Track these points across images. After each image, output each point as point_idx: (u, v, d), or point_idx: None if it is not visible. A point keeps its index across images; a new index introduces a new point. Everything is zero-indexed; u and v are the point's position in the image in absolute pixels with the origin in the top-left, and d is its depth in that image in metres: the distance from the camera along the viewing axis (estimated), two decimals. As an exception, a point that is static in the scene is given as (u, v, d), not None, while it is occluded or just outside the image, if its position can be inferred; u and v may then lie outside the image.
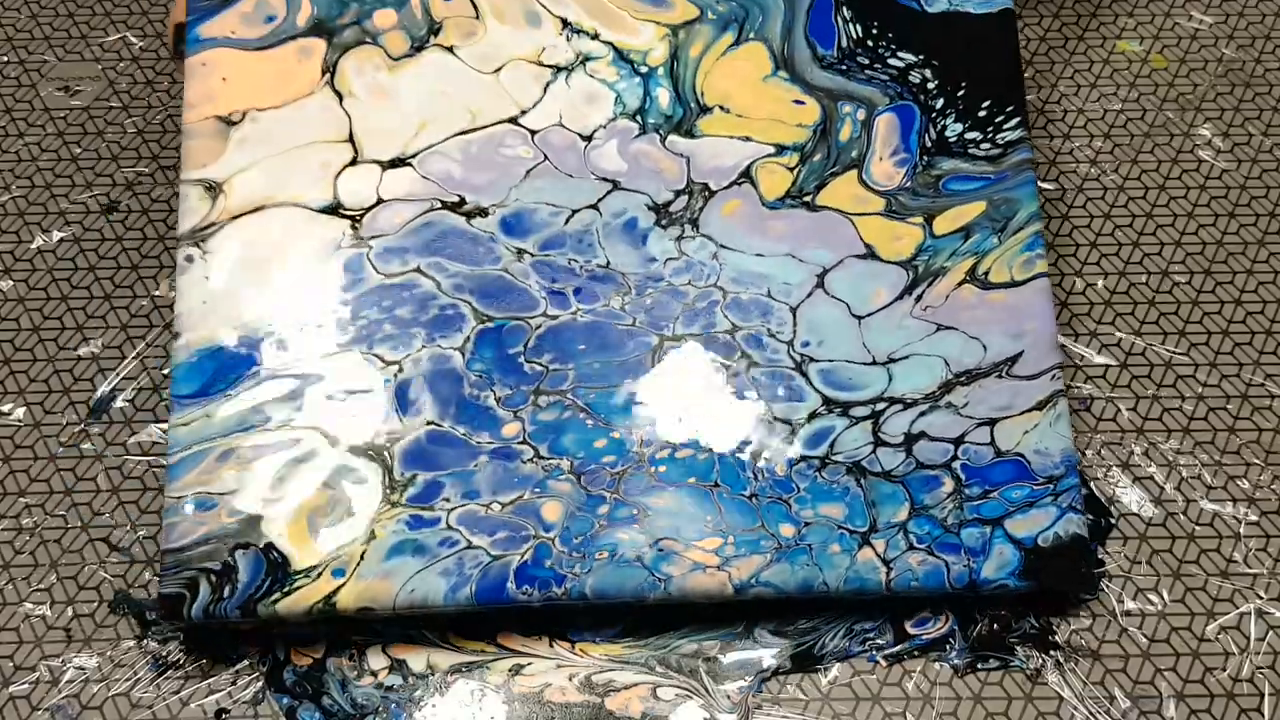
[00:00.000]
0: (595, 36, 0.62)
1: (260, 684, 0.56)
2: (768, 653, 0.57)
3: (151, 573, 0.59)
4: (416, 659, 0.57)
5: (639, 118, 0.61)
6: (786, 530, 0.55)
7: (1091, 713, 0.56)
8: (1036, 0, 0.76)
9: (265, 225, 0.58)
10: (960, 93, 0.63)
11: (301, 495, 0.55)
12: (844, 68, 0.62)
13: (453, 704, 0.56)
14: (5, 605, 0.59)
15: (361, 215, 0.59)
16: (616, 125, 0.61)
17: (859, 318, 0.59)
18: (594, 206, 0.60)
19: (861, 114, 0.62)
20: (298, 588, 0.53)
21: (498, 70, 0.61)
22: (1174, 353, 0.65)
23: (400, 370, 0.56)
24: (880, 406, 0.58)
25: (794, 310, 0.59)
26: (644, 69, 0.61)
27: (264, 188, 0.59)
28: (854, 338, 0.58)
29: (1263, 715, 0.56)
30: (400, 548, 0.54)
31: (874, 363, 0.58)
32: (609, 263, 0.59)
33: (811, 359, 0.58)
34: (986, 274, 0.60)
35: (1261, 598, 0.58)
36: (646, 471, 0.56)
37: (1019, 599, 0.58)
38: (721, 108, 0.61)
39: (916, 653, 0.57)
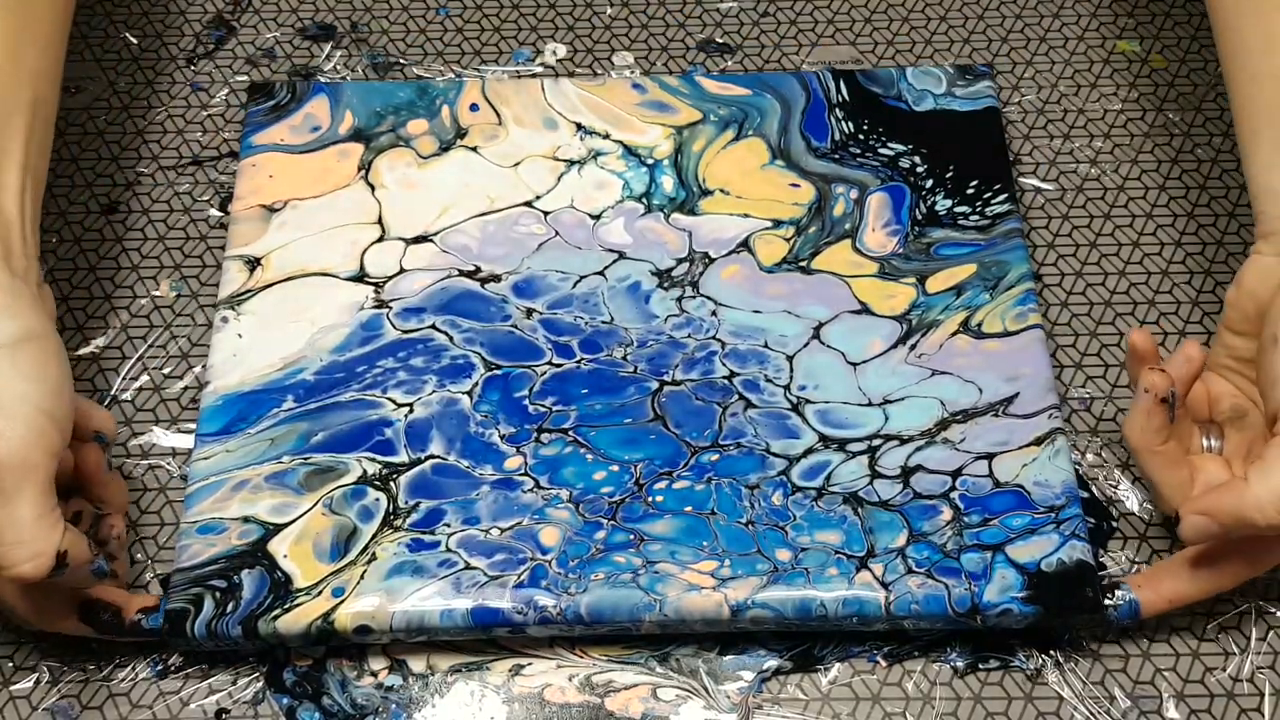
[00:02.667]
0: (606, 136, 0.69)
1: (260, 684, 0.57)
2: (768, 653, 0.57)
3: (152, 573, 0.60)
4: (416, 659, 0.57)
5: (644, 199, 0.67)
6: (783, 555, 0.56)
7: (1091, 712, 0.56)
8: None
9: (295, 291, 0.64)
10: (949, 174, 0.67)
11: (308, 520, 0.57)
12: (837, 156, 0.68)
13: (453, 704, 0.56)
14: (5, 605, 0.59)
15: (384, 282, 0.64)
16: (624, 206, 0.67)
17: (854, 364, 0.61)
18: (600, 273, 0.64)
19: (854, 194, 0.67)
20: (298, 604, 0.55)
21: (516, 165, 0.68)
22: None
23: (411, 411, 0.60)
24: (876, 443, 0.59)
25: (790, 359, 0.62)
26: (650, 161, 0.68)
27: (297, 261, 0.65)
28: (850, 382, 0.61)
29: (1263, 715, 0.56)
30: (400, 569, 0.56)
31: (870, 404, 0.60)
32: (613, 319, 0.63)
33: (808, 401, 0.60)
34: (980, 325, 0.62)
35: (1261, 597, 0.58)
36: (643, 501, 0.57)
37: (1021, 632, 0.58)
38: (722, 190, 0.67)
39: (917, 653, 0.57)
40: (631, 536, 0.56)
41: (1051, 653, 0.57)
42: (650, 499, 0.58)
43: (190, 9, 0.78)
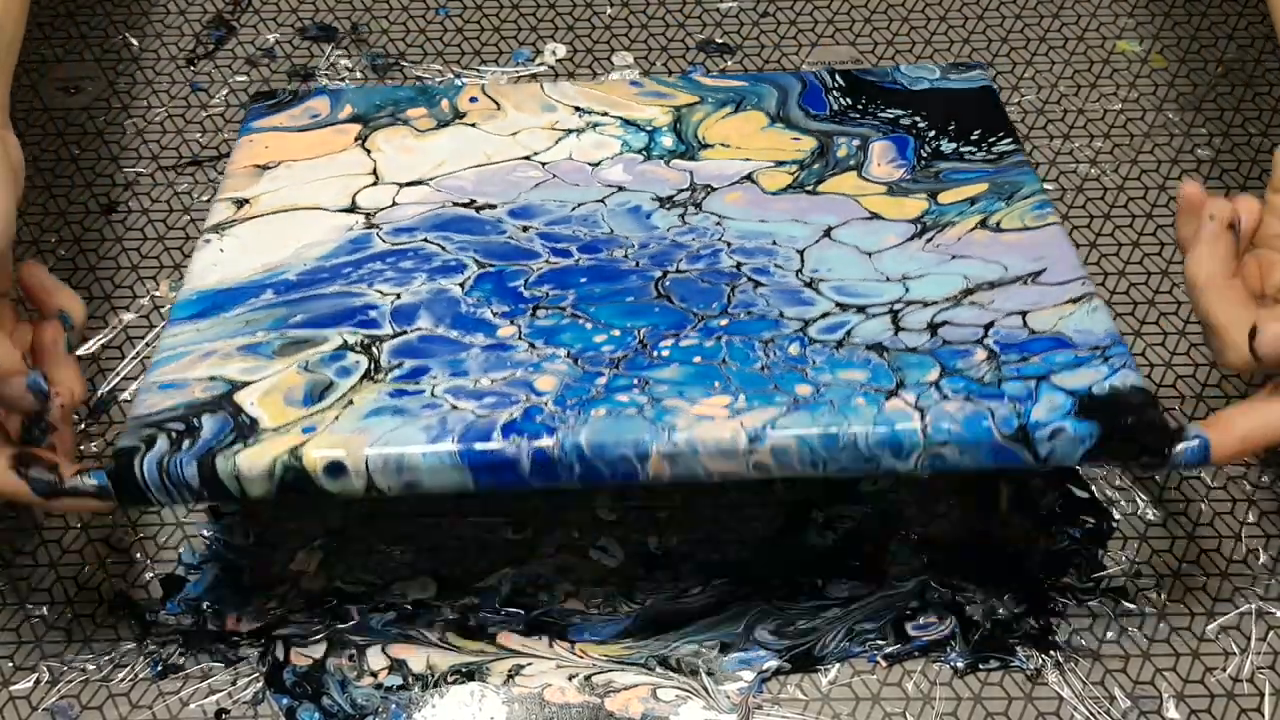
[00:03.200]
0: (604, 114, 0.67)
1: (260, 684, 0.57)
2: (768, 653, 0.57)
3: (151, 573, 0.60)
4: (416, 659, 0.57)
5: (644, 152, 0.66)
6: (803, 390, 0.51)
7: (1091, 713, 0.56)
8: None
9: (283, 220, 0.62)
10: (950, 126, 0.66)
11: (281, 377, 0.53)
12: (837, 120, 0.67)
13: (452, 705, 0.56)
14: (5, 605, 0.59)
15: (376, 212, 0.62)
16: (622, 156, 0.65)
17: (869, 254, 0.58)
18: (600, 201, 0.63)
19: (856, 142, 0.65)
20: (262, 441, 0.50)
21: (514, 134, 0.67)
22: (1174, 353, 0.65)
23: (398, 298, 0.57)
24: (898, 307, 0.55)
25: (800, 252, 0.59)
26: (649, 128, 0.67)
27: (287, 199, 0.63)
28: (865, 266, 0.58)
29: (1263, 715, 0.56)
30: (379, 411, 0.51)
31: (887, 280, 0.57)
32: (613, 231, 0.61)
33: (821, 280, 0.57)
34: (998, 224, 0.60)
35: (1261, 598, 0.58)
36: (648, 355, 0.54)
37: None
38: (722, 144, 0.66)
39: (917, 653, 0.57)
40: (635, 381, 0.52)
41: (1051, 653, 0.57)
42: (656, 353, 0.54)
43: (190, 9, 0.78)
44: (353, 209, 0.62)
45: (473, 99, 0.69)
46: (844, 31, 0.77)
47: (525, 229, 0.61)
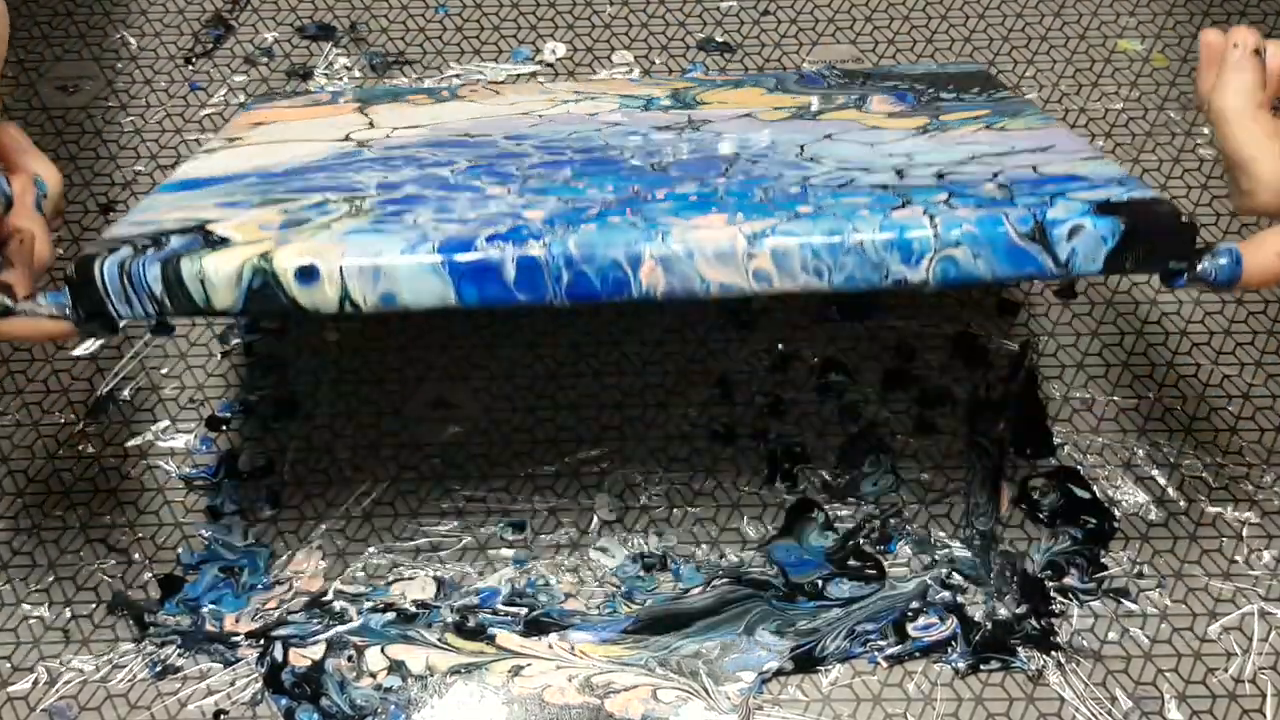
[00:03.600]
0: (603, 94, 0.66)
1: (259, 685, 0.56)
2: (768, 654, 0.57)
3: (150, 573, 0.59)
4: (415, 660, 0.57)
5: (642, 108, 0.64)
6: (804, 209, 0.48)
7: (1093, 714, 0.56)
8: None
9: (275, 146, 0.59)
10: (950, 86, 0.64)
11: (259, 214, 0.50)
12: (838, 91, 0.66)
13: (452, 705, 0.56)
14: (3, 606, 0.59)
15: (369, 142, 0.60)
16: (620, 109, 0.64)
17: (871, 145, 0.56)
18: (596, 131, 0.60)
19: (855, 95, 0.64)
20: (233, 248, 0.46)
21: (512, 104, 0.65)
22: (1176, 353, 0.65)
23: (386, 178, 0.55)
24: (902, 166, 0.53)
25: (802, 146, 0.57)
26: (648, 98, 0.65)
27: (281, 135, 0.61)
28: (868, 150, 0.55)
29: (1265, 716, 0.55)
30: (359, 230, 0.48)
31: (891, 155, 0.54)
32: (609, 144, 0.58)
33: (823, 157, 0.55)
34: (1003, 128, 0.58)
35: (1263, 598, 0.58)
36: (644, 197, 0.51)
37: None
38: (721, 103, 0.64)
39: (918, 654, 0.57)
40: (629, 211, 0.49)
41: (1053, 654, 0.57)
42: (650, 196, 0.51)
43: (189, 8, 0.78)
44: (346, 139, 0.60)
45: (472, 90, 0.69)
46: (844, 30, 0.76)
47: (519, 144, 0.58)
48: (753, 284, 0.46)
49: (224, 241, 0.46)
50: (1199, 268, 0.46)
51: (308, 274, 0.45)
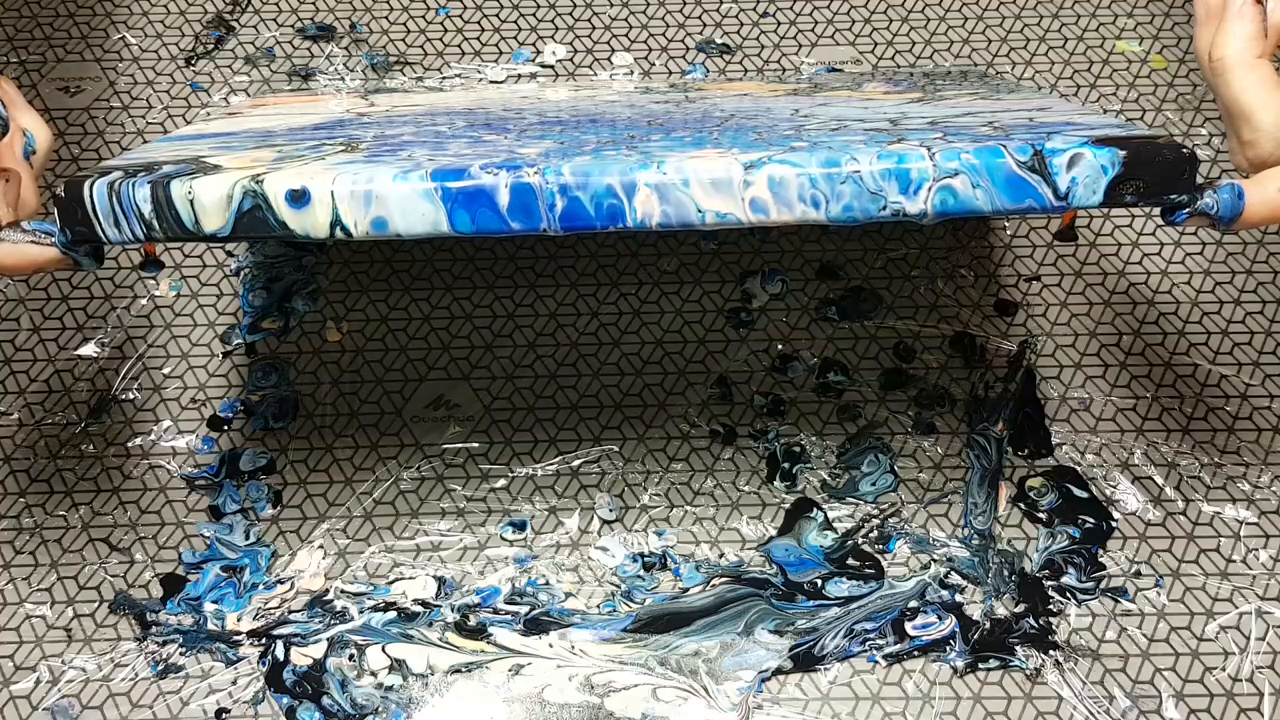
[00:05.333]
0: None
1: (260, 684, 0.56)
2: (768, 653, 0.57)
3: (151, 572, 0.60)
4: (416, 659, 0.57)
5: (641, 91, 0.65)
6: (799, 145, 0.47)
7: (1091, 712, 0.56)
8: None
9: (275, 114, 0.60)
10: (948, 78, 0.65)
11: (255, 154, 0.50)
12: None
13: (452, 704, 0.56)
14: (6, 605, 0.59)
15: (370, 113, 0.60)
16: (620, 91, 0.64)
17: (865, 106, 0.56)
18: (591, 104, 0.60)
19: (851, 83, 0.65)
20: (224, 173, 0.46)
21: (513, 92, 0.66)
22: (1173, 353, 0.65)
23: (383, 133, 0.55)
24: (896, 117, 0.53)
25: (797, 109, 0.57)
26: (646, 90, 0.66)
27: (281, 112, 0.61)
28: (862, 110, 0.55)
29: (1262, 715, 0.56)
30: (352, 163, 0.47)
31: (886, 113, 0.54)
32: (604, 113, 0.58)
33: (815, 114, 0.55)
34: (998, 99, 0.57)
35: (1261, 597, 0.58)
36: (639, 140, 0.51)
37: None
38: (719, 90, 0.65)
39: (916, 653, 0.57)
40: (623, 146, 0.49)
41: (1051, 652, 0.57)
42: (646, 139, 0.50)
43: (190, 9, 0.78)
44: (346, 113, 0.60)
45: (472, 90, 0.69)
46: (844, 31, 0.77)
47: (518, 114, 0.58)
48: (749, 213, 0.45)
49: (216, 169, 0.46)
50: (1201, 201, 0.45)
51: (299, 197, 0.45)
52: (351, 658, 0.57)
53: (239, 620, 0.58)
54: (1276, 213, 0.46)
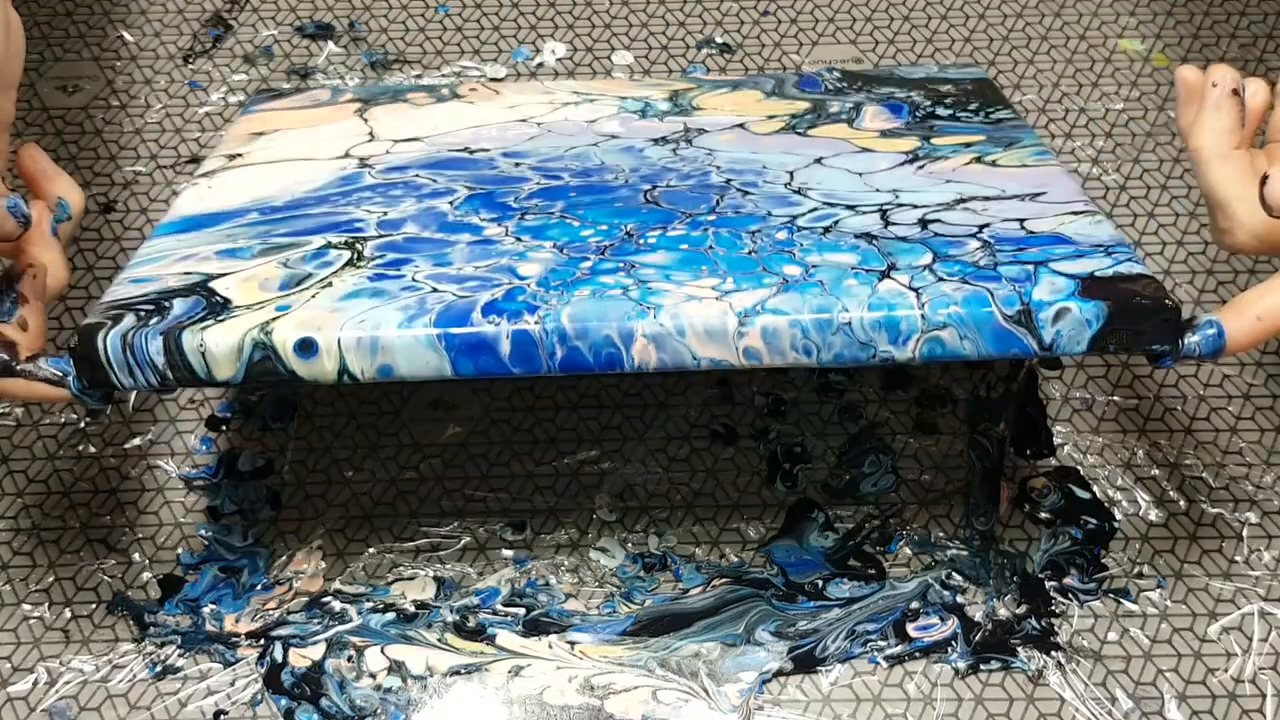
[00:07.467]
0: (602, 95, 0.67)
1: (259, 685, 0.56)
2: (768, 654, 0.57)
3: (150, 573, 0.59)
4: (415, 661, 0.57)
5: (639, 114, 0.65)
6: (792, 270, 0.48)
7: (1093, 714, 0.56)
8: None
9: (275, 167, 0.60)
10: (947, 99, 0.65)
11: (259, 269, 0.51)
12: (833, 94, 0.66)
13: (451, 706, 0.56)
14: (3, 606, 0.59)
15: (370, 158, 0.61)
16: (619, 115, 0.65)
17: (860, 174, 0.57)
18: (593, 145, 0.62)
19: (850, 105, 0.65)
20: (234, 318, 0.47)
21: (512, 107, 0.66)
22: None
23: (386, 214, 0.56)
24: (888, 208, 0.53)
25: (791, 172, 0.58)
26: (646, 101, 0.66)
27: (280, 153, 0.62)
28: (856, 181, 0.56)
29: (1265, 716, 0.56)
30: (357, 293, 0.49)
31: (878, 191, 0.55)
32: (604, 163, 0.59)
33: (810, 189, 0.56)
34: (995, 162, 0.58)
35: (1264, 598, 0.58)
36: (635, 242, 0.52)
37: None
38: (716, 108, 0.65)
39: (918, 654, 0.57)
40: (621, 265, 0.50)
41: (1053, 654, 0.57)
42: (642, 241, 0.52)
43: (188, 8, 0.78)
44: (346, 155, 0.61)
45: (472, 89, 0.69)
46: (844, 30, 0.76)
47: (517, 164, 0.59)
48: (742, 360, 0.47)
49: (226, 305, 0.48)
50: (1184, 345, 0.47)
51: (307, 347, 0.46)
52: (350, 659, 0.57)
53: (237, 621, 0.58)
54: (1260, 339, 0.47)
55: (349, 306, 0.47)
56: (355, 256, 0.51)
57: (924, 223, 0.52)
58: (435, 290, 0.49)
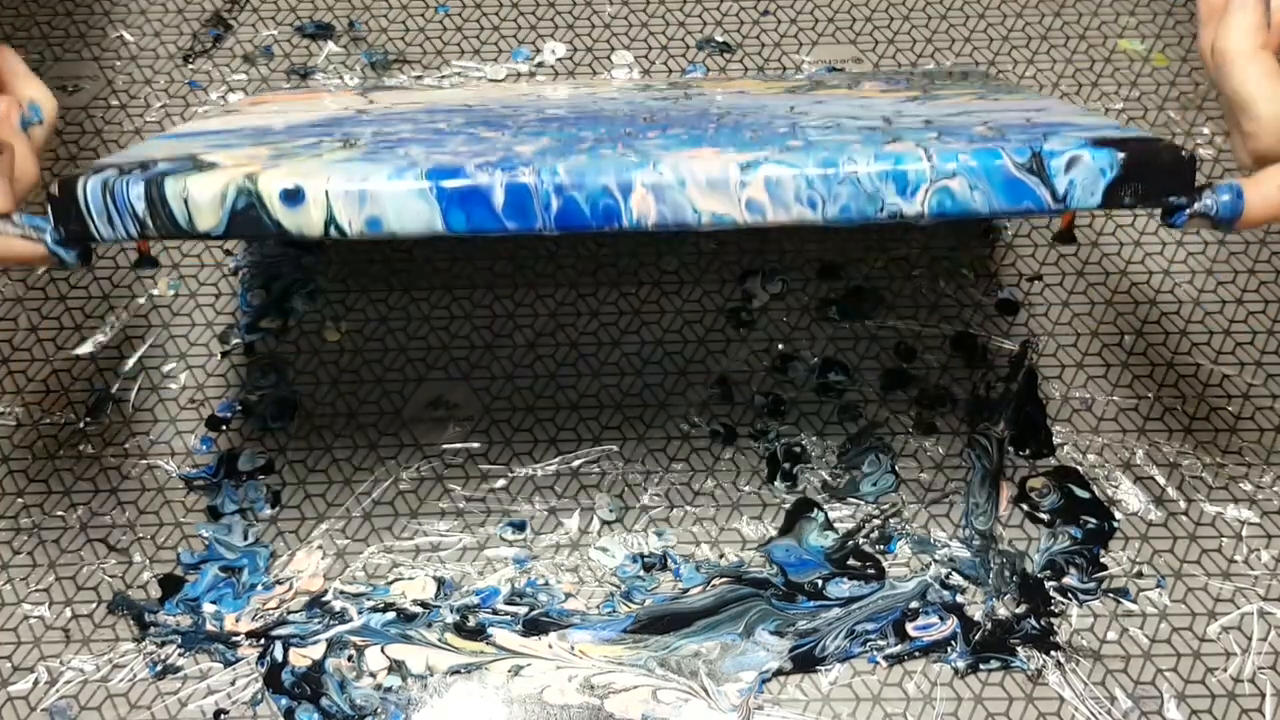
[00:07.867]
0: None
1: (259, 685, 0.56)
2: (768, 654, 0.57)
3: (150, 573, 0.59)
4: (415, 660, 0.57)
5: (641, 90, 0.64)
6: (795, 143, 0.47)
7: (1093, 713, 0.56)
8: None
9: (274, 112, 0.59)
10: (948, 78, 0.65)
11: (253, 151, 0.49)
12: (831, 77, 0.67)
13: (451, 705, 0.56)
14: (4, 605, 0.59)
15: (369, 110, 0.60)
16: (621, 89, 0.64)
17: (861, 105, 0.56)
18: (590, 101, 0.61)
19: (850, 81, 0.64)
20: (219, 170, 0.45)
21: (511, 89, 0.66)
22: (1175, 353, 0.65)
23: (383, 130, 0.55)
24: (890, 115, 0.53)
25: (792, 106, 0.57)
26: (647, 85, 0.66)
27: (280, 109, 0.61)
28: (857, 108, 0.55)
29: (1264, 716, 0.56)
30: (349, 160, 0.47)
31: (880, 110, 0.54)
32: (603, 109, 0.58)
33: (810, 110, 0.55)
34: (996, 99, 0.57)
35: (1263, 598, 0.58)
36: (635, 137, 0.51)
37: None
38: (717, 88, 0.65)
39: (917, 653, 0.57)
40: (620, 146, 0.48)
41: (1052, 653, 0.57)
42: (642, 136, 0.50)
43: (188, 7, 0.78)
44: (345, 110, 0.60)
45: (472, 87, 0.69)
46: (844, 30, 0.76)
47: (516, 111, 0.58)
48: (745, 214, 0.45)
49: (212, 166, 0.46)
50: (1200, 203, 0.45)
51: (293, 196, 0.44)
52: (350, 659, 0.57)
53: (237, 621, 0.58)
54: (1277, 212, 0.46)
55: (339, 166, 0.46)
56: (348, 146, 0.50)
57: (929, 122, 0.51)
58: (429, 158, 0.47)
